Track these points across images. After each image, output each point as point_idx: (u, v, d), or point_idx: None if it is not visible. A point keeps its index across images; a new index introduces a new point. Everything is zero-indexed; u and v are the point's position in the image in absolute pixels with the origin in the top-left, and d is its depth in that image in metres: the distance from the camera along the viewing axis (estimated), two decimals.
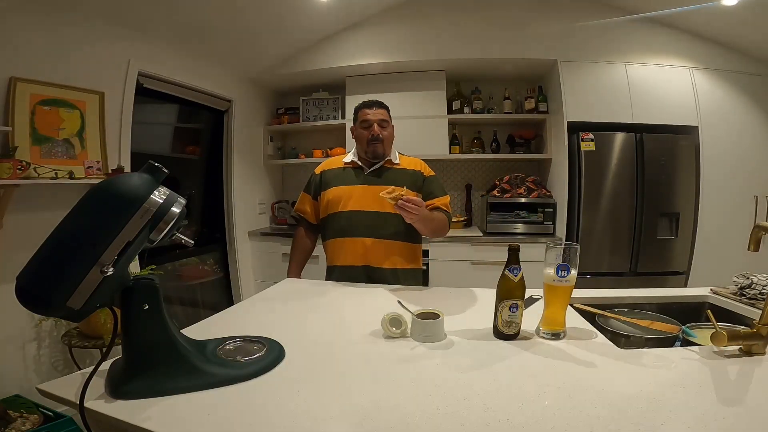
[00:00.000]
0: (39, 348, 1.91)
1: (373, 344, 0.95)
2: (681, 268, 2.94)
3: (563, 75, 2.94)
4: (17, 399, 1.72)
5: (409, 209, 1.31)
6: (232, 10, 2.49)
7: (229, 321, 1.15)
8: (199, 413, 0.67)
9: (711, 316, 0.93)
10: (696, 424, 0.62)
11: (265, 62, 3.28)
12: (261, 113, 3.64)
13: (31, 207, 1.82)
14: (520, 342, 0.96)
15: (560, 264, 0.94)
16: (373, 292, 1.37)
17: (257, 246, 3.38)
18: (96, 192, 0.68)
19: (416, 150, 2.38)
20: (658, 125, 2.88)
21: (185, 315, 2.98)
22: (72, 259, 0.64)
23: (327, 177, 1.68)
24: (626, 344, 1.00)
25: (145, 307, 0.72)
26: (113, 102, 2.20)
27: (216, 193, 3.25)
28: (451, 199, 3.59)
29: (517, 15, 2.99)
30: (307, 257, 1.76)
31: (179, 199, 0.73)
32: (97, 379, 0.70)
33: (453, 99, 3.37)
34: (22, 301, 0.63)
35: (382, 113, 1.66)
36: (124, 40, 2.25)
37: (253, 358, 0.83)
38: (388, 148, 1.67)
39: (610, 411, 0.65)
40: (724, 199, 2.89)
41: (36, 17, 1.84)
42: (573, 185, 2.96)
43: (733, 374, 0.79)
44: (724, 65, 2.93)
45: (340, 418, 0.66)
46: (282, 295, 1.42)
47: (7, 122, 1.73)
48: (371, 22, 3.15)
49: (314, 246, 1.78)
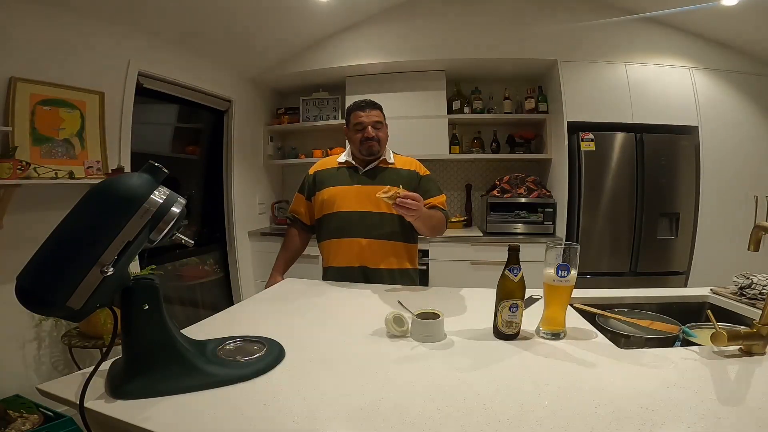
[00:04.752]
0: (39, 348, 1.91)
1: (373, 344, 0.95)
2: (681, 268, 2.94)
3: (563, 75, 2.94)
4: (17, 399, 1.72)
5: (408, 206, 1.29)
6: (233, 10, 2.49)
7: (229, 321, 1.15)
8: (199, 413, 0.67)
9: (711, 316, 0.93)
10: (696, 424, 0.62)
11: (265, 62, 3.28)
12: (261, 113, 3.64)
13: (31, 207, 1.82)
14: (520, 342, 0.96)
15: (560, 264, 0.94)
16: (372, 293, 1.37)
17: (257, 246, 3.38)
18: (96, 192, 0.68)
19: (416, 150, 2.39)
20: (658, 125, 2.88)
21: (185, 315, 2.98)
22: (72, 259, 0.64)
23: (320, 177, 1.67)
24: (626, 344, 1.00)
25: (145, 307, 0.72)
26: (113, 102, 2.20)
27: (216, 193, 3.25)
28: (452, 199, 3.61)
29: (517, 15, 3.00)
30: (295, 257, 1.73)
31: (179, 199, 0.73)
32: (97, 379, 0.70)
33: (453, 99, 3.37)
34: (22, 301, 0.63)
35: (376, 114, 1.63)
36: (124, 40, 2.25)
37: (253, 358, 0.83)
38: (383, 148, 1.66)
39: (610, 411, 0.65)
40: (724, 199, 2.89)
41: (36, 17, 1.84)
42: (573, 185, 2.96)
43: (733, 374, 0.79)
44: (724, 65, 2.93)
45: (340, 418, 0.66)
46: (282, 295, 1.42)
47: (7, 122, 1.73)
48: (371, 22, 3.15)
49: (304, 247, 1.76)
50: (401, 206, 1.30)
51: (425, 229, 1.52)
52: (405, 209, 1.30)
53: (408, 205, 1.29)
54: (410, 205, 1.29)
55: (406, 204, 1.29)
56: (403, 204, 1.29)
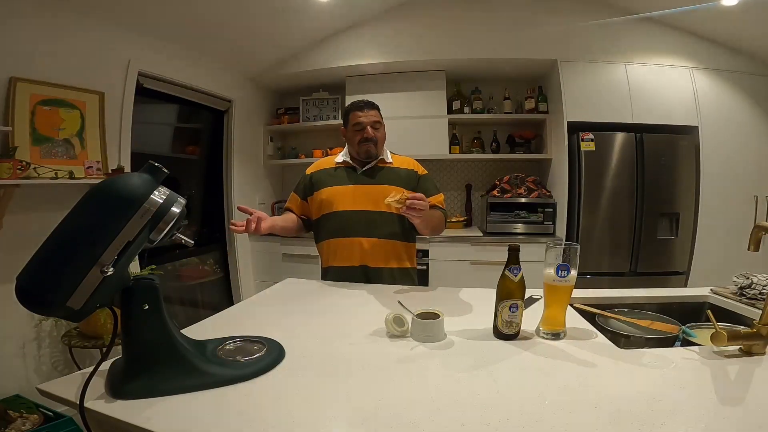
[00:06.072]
0: (39, 348, 1.91)
1: (373, 344, 0.95)
2: (681, 268, 2.94)
3: (563, 75, 2.94)
4: (17, 399, 1.72)
5: (419, 206, 1.27)
6: (233, 10, 2.48)
7: (229, 321, 1.15)
8: (199, 413, 0.67)
9: (711, 316, 0.93)
10: (696, 424, 0.62)
11: (265, 62, 3.28)
12: (261, 113, 3.64)
13: (31, 207, 1.82)
14: (520, 342, 0.96)
15: (560, 264, 0.94)
16: (372, 293, 1.37)
17: (257, 246, 3.38)
18: (96, 192, 0.68)
19: (416, 150, 2.39)
20: (658, 125, 2.88)
21: (185, 315, 2.98)
22: (72, 259, 0.64)
23: (318, 178, 1.66)
24: (626, 344, 1.00)
25: (145, 307, 0.72)
26: (113, 102, 2.20)
27: (216, 193, 3.25)
28: (452, 199, 3.61)
29: (517, 15, 2.99)
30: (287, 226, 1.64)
31: (179, 199, 0.73)
32: (97, 379, 0.70)
33: (453, 99, 3.37)
34: (22, 301, 0.63)
35: (374, 115, 1.63)
36: (124, 40, 2.25)
37: (253, 358, 0.83)
38: (381, 148, 1.66)
39: (610, 411, 0.65)
40: (724, 199, 2.89)
41: (36, 17, 1.84)
42: (573, 185, 2.96)
43: (733, 374, 0.79)
44: (724, 65, 2.93)
45: (340, 418, 0.66)
46: (282, 295, 1.42)
47: (7, 122, 1.73)
48: (371, 22, 3.15)
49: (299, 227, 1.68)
50: (412, 207, 1.27)
51: (426, 229, 1.52)
52: (415, 210, 1.28)
53: (418, 206, 1.28)
54: (419, 206, 1.28)
55: (416, 205, 1.27)
56: (413, 205, 1.27)
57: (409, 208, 1.28)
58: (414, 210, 1.28)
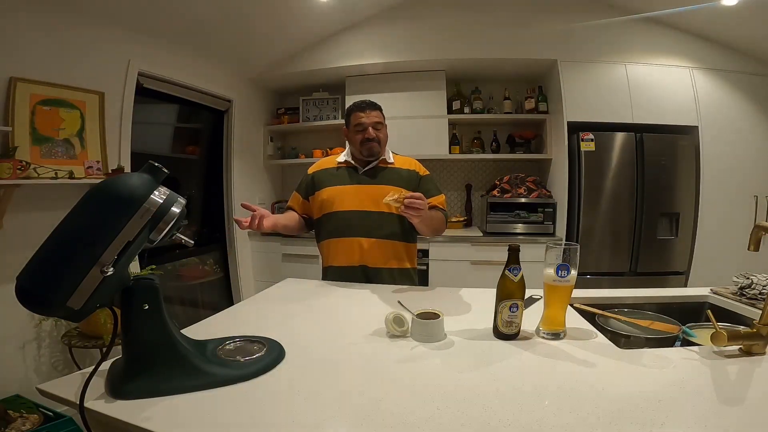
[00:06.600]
0: (39, 348, 1.91)
1: (373, 344, 0.95)
2: (681, 268, 2.94)
3: (563, 75, 2.94)
4: (17, 399, 1.72)
5: (417, 206, 1.28)
6: (232, 10, 2.49)
7: (229, 321, 1.15)
8: (199, 413, 0.67)
9: (711, 316, 0.93)
10: (696, 424, 0.62)
11: (265, 62, 3.28)
12: (261, 113, 3.65)
13: (31, 207, 1.82)
14: (520, 342, 0.96)
15: (560, 264, 0.94)
16: (372, 293, 1.37)
17: (257, 246, 3.38)
18: (96, 192, 0.68)
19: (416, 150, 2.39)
20: (658, 125, 2.88)
21: (185, 315, 2.98)
22: (72, 259, 0.64)
23: (319, 177, 1.66)
24: (626, 344, 1.00)
25: (145, 307, 0.72)
26: (113, 102, 2.20)
27: (216, 193, 3.25)
28: (452, 199, 3.61)
29: (517, 15, 3.00)
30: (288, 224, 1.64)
31: (179, 199, 0.73)
32: (97, 379, 0.70)
33: (453, 99, 3.37)
34: (22, 301, 0.63)
35: (376, 115, 1.62)
36: (124, 40, 2.25)
37: (253, 358, 0.83)
38: (384, 148, 1.66)
39: (610, 411, 0.65)
40: (724, 199, 2.89)
41: (36, 17, 1.84)
42: (573, 185, 2.96)
43: (733, 374, 0.79)
44: (724, 65, 2.93)
45: (340, 418, 0.66)
46: (282, 295, 1.42)
47: (7, 122, 1.73)
48: (371, 22, 3.15)
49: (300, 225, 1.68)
50: (410, 207, 1.27)
51: (426, 230, 1.52)
52: (413, 210, 1.28)
53: (416, 205, 1.28)
54: (418, 205, 1.28)
55: (414, 204, 1.27)
56: (411, 204, 1.27)
57: (408, 208, 1.28)
58: (412, 209, 1.28)
